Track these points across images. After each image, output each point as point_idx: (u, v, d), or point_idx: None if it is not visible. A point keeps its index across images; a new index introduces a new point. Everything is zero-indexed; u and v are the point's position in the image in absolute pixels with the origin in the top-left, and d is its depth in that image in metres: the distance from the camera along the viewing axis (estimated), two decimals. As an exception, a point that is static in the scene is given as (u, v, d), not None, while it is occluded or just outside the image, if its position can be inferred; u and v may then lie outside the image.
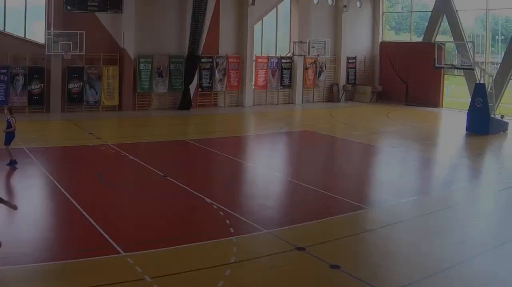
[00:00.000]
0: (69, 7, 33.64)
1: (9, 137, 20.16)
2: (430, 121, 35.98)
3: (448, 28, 43.98)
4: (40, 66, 33.09)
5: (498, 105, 37.27)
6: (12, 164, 19.76)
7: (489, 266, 12.75)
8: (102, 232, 13.69)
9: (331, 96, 46.17)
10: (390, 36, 51.28)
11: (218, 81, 39.68)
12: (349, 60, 47.15)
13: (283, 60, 43.30)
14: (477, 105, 31.57)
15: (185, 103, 37.33)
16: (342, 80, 46.66)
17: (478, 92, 32.02)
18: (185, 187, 18.36)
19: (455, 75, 45.73)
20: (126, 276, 11.24)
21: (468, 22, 44.53)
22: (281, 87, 42.89)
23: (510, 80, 39.96)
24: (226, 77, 40.00)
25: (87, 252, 12.43)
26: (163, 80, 37.20)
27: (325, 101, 45.51)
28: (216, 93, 40.11)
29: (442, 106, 43.94)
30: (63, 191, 17.30)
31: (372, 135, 30.33)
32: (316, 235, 14.34)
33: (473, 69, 36.80)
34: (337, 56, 46.47)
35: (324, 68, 45.41)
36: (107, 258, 12.22)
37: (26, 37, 33.75)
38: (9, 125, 20.11)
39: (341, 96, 46.07)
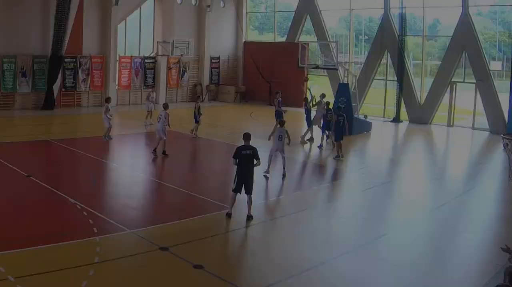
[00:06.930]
0: None
1: None
2: (293, 122, 36.32)
3: (312, 28, 45.37)
4: None
5: (361, 105, 38.61)
6: None
7: (350, 267, 13.19)
8: (-36, 233, 13.50)
9: (195, 96, 46.52)
10: (253, 36, 52.42)
11: (82, 81, 39.44)
12: (213, 60, 48.05)
13: (146, 60, 43.60)
14: (341, 105, 32.35)
15: (48, 103, 36.84)
16: (206, 80, 47.46)
17: (342, 92, 32.63)
18: (49, 187, 18.45)
19: (319, 75, 46.99)
20: (-11, 276, 11.24)
21: (331, 22, 46.22)
22: (144, 87, 43.02)
23: (374, 80, 41.65)
24: (90, 77, 39.87)
25: None
26: (26, 80, 36.72)
27: (189, 101, 45.88)
28: (80, 93, 39.81)
29: (305, 106, 44.87)
30: None
31: (236, 136, 30.77)
32: (179, 235, 14.59)
33: (337, 69, 37.58)
34: (201, 56, 47.24)
35: (187, 68, 46.03)
36: (-31, 259, 12.11)
37: None
38: None
39: (205, 96, 46.60)
